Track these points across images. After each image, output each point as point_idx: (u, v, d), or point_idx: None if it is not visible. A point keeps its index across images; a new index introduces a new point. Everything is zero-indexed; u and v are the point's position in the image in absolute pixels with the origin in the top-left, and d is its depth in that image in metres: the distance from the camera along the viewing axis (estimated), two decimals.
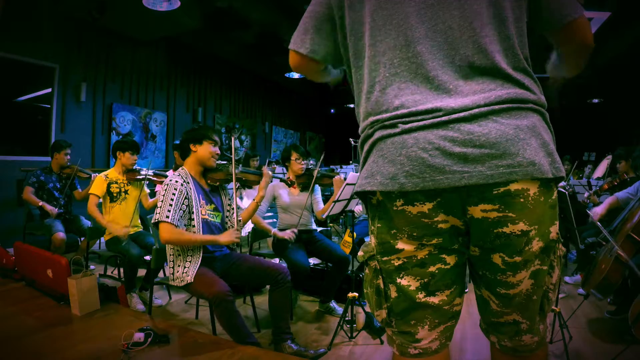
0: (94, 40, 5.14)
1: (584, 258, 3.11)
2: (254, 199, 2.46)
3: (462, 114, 0.79)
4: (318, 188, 3.13)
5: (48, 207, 3.43)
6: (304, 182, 2.98)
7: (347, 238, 2.58)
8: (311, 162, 3.18)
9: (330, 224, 4.48)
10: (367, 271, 0.99)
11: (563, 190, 2.30)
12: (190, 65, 6.84)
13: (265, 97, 9.05)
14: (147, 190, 3.38)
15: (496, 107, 0.80)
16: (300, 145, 3.46)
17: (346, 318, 2.47)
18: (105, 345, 1.64)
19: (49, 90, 4.71)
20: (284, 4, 5.16)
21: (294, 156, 2.99)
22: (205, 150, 2.26)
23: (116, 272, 3.52)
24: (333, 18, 0.99)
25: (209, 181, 2.33)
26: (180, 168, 2.29)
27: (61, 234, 3.28)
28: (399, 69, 0.87)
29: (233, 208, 2.37)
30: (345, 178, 2.59)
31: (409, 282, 0.92)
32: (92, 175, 3.47)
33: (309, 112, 11.11)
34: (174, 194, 2.08)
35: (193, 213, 2.16)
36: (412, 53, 0.86)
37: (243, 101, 8.39)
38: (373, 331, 2.47)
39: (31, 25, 4.39)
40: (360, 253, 1.00)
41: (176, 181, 2.13)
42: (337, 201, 2.50)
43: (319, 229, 3.17)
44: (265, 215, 3.36)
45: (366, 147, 0.92)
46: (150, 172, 3.26)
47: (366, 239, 3.37)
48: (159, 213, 2.06)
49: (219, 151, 2.33)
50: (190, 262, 2.10)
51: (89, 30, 4.99)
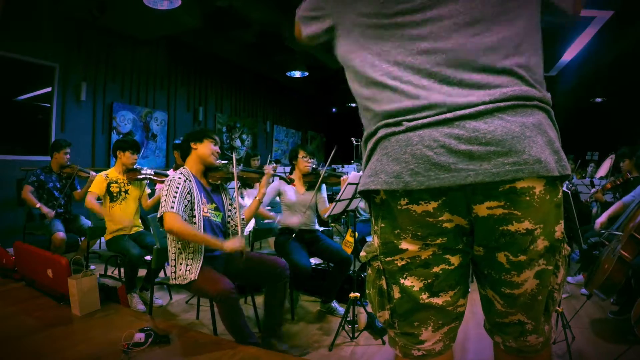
0: (94, 39, 5.13)
1: (587, 258, 3.10)
2: (256, 197, 2.45)
3: (468, 111, 0.78)
4: (324, 187, 3.12)
5: (45, 210, 3.39)
6: (311, 181, 2.97)
7: (349, 238, 2.57)
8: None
9: (332, 224, 4.47)
10: (370, 271, 0.98)
11: (566, 189, 2.28)
12: (190, 64, 6.83)
13: (266, 96, 9.03)
14: (148, 190, 3.37)
15: (502, 105, 0.79)
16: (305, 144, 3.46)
17: (348, 318, 2.46)
18: (105, 345, 1.64)
19: (49, 89, 4.69)
20: (285, 3, 5.13)
21: (301, 154, 2.99)
22: (206, 148, 2.26)
23: (116, 272, 3.52)
24: None
25: (211, 180, 2.33)
26: (182, 167, 2.29)
27: (61, 234, 3.27)
28: (403, 65, 0.85)
29: (235, 207, 2.38)
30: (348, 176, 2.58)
31: (413, 283, 0.90)
32: (92, 174, 3.46)
33: (311, 111, 11.09)
34: (178, 188, 2.09)
35: (195, 210, 2.16)
36: (417, 48, 0.84)
37: (244, 100, 8.37)
38: (375, 332, 2.46)
39: (31, 24, 4.38)
40: (362, 253, 0.99)
41: (179, 177, 2.14)
42: (339, 201, 2.48)
43: (321, 229, 3.16)
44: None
45: (370, 145, 0.90)
46: (150, 172, 3.25)
47: (368, 238, 3.35)
48: (164, 205, 2.04)
49: (220, 150, 2.34)
50: (192, 260, 2.10)
51: (89, 29, 4.98)
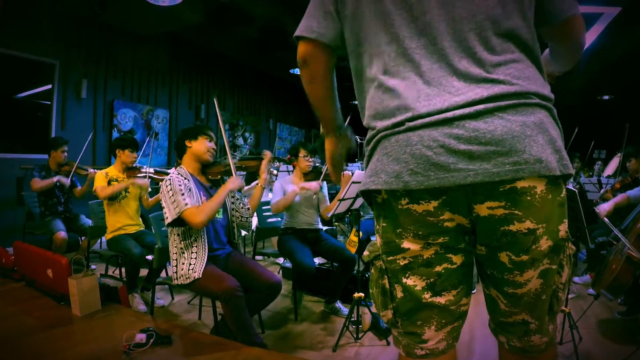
0: (95, 36, 5.09)
1: (594, 258, 3.06)
2: (258, 183, 2.39)
3: (468, 111, 0.78)
4: (325, 185, 3.10)
5: (63, 180, 3.42)
6: (312, 179, 2.96)
7: (353, 237, 2.55)
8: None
9: (335, 223, 4.46)
10: (373, 271, 1.00)
11: (573, 188, 2.25)
12: (192, 61, 6.78)
13: (269, 94, 8.97)
14: (149, 188, 3.34)
15: (502, 104, 0.78)
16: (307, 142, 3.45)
17: (352, 319, 2.44)
18: (106, 346, 1.63)
19: (49, 86, 4.66)
20: None
21: (302, 153, 2.98)
22: (200, 145, 2.22)
23: (117, 272, 3.50)
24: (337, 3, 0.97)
25: (210, 176, 2.30)
26: (179, 167, 2.26)
27: (63, 234, 3.24)
28: (401, 63, 0.85)
29: (237, 198, 2.36)
30: (352, 174, 2.55)
31: (415, 282, 0.91)
32: (91, 171, 3.43)
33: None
34: (180, 184, 2.05)
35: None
36: (415, 45, 0.84)
37: (247, 98, 8.32)
38: (379, 332, 2.44)
39: (31, 21, 4.35)
40: (365, 253, 1.01)
41: (178, 174, 2.12)
42: (343, 200, 2.45)
43: (325, 228, 3.14)
44: (269, 214, 3.32)
45: (370, 145, 0.91)
46: (151, 170, 3.22)
47: (372, 238, 3.33)
48: (178, 206, 1.99)
49: (215, 146, 2.30)
50: (196, 259, 2.07)
51: (90, 25, 4.94)
